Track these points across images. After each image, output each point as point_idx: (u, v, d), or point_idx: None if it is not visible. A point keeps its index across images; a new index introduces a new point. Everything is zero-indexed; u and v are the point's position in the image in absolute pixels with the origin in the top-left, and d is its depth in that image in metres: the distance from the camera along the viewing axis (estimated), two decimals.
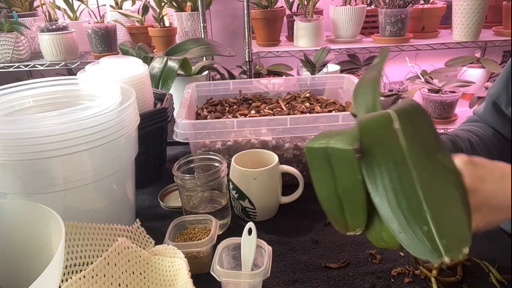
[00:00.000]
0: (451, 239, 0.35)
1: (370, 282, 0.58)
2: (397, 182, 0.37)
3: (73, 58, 1.69)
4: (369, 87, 0.46)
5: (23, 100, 0.66)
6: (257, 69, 1.69)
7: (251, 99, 1.01)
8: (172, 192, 0.84)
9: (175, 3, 1.64)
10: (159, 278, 0.54)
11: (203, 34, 1.60)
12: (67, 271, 0.54)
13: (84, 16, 1.79)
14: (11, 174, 0.54)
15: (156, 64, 1.12)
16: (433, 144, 0.39)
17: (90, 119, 0.55)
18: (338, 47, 1.68)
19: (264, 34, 1.73)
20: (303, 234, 0.70)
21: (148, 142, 0.82)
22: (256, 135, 0.78)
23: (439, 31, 1.78)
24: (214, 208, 0.71)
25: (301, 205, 0.76)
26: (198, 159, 0.75)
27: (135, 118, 0.66)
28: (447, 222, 0.36)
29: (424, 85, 1.75)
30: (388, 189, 0.38)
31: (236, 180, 0.71)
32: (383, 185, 0.38)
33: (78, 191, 0.58)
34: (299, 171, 0.73)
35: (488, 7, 1.60)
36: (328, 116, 0.78)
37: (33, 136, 0.52)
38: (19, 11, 1.71)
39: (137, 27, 1.77)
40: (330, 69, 1.26)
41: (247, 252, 0.56)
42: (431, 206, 0.36)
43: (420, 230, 0.36)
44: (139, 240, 0.63)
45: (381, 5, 1.65)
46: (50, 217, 0.47)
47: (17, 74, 1.71)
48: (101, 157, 0.58)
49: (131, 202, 0.71)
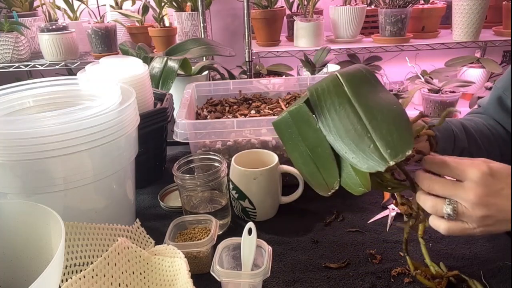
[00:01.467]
0: (394, 147, 0.42)
1: (370, 282, 0.58)
2: (345, 117, 0.46)
3: (73, 58, 1.69)
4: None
5: (23, 100, 0.66)
6: (257, 69, 1.69)
7: (251, 99, 1.01)
8: (172, 192, 0.84)
9: (175, 3, 1.64)
10: (159, 278, 0.54)
11: (203, 34, 1.60)
12: (67, 271, 0.54)
13: (84, 16, 1.79)
14: (11, 174, 0.54)
15: (156, 64, 1.12)
16: (375, 88, 0.48)
17: (90, 119, 0.55)
18: (338, 47, 1.68)
19: (264, 34, 1.73)
20: (303, 234, 0.70)
21: (148, 142, 0.82)
22: (256, 135, 0.78)
23: (439, 31, 1.78)
24: (214, 208, 0.71)
25: (301, 205, 0.76)
26: (198, 159, 0.75)
27: (135, 118, 0.66)
28: (389, 136, 0.43)
29: (424, 85, 1.75)
30: (339, 126, 0.46)
31: (236, 180, 0.72)
32: (333, 125, 0.46)
33: (78, 191, 0.58)
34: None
35: (488, 7, 1.60)
36: None
37: (33, 136, 0.52)
38: (19, 11, 1.71)
39: (137, 27, 1.77)
40: (330, 69, 1.26)
41: (247, 252, 0.56)
42: (373, 128, 0.44)
43: (368, 148, 0.43)
44: (139, 240, 0.63)
45: (381, 5, 1.65)
46: (50, 217, 0.47)
47: (17, 74, 1.71)
48: (101, 157, 0.58)
49: (131, 202, 0.71)
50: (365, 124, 0.44)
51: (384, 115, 0.45)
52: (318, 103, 0.48)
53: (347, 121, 0.45)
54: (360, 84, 0.48)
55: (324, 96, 0.48)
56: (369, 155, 0.43)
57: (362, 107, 0.45)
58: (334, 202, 0.67)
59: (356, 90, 0.47)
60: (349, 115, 0.45)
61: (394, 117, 0.45)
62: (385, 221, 0.72)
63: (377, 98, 0.47)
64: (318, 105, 0.48)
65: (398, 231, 0.69)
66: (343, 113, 0.46)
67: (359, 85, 0.48)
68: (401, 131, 0.43)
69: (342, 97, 0.47)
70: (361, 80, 0.49)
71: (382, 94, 0.48)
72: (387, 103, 0.46)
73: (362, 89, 0.48)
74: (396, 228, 0.69)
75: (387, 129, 0.43)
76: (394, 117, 0.45)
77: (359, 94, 0.47)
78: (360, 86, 0.48)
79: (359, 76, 0.49)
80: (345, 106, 0.46)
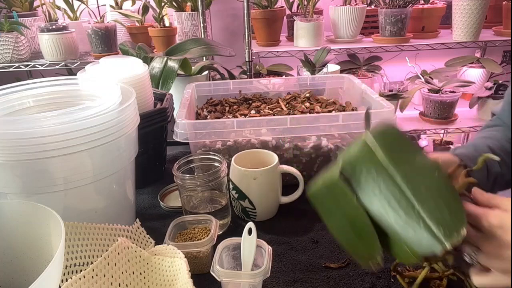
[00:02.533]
0: (446, 225, 0.37)
1: (370, 282, 0.58)
2: (385, 190, 0.41)
3: (73, 58, 1.69)
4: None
5: (23, 100, 0.66)
6: (257, 69, 1.69)
7: (251, 99, 1.01)
8: (172, 192, 0.84)
9: (175, 3, 1.64)
10: (159, 278, 0.54)
11: (203, 34, 1.60)
12: (67, 271, 0.54)
13: (84, 16, 1.79)
14: (11, 174, 0.54)
15: (156, 64, 1.12)
16: (409, 150, 0.43)
17: (90, 119, 0.55)
18: (338, 47, 1.68)
19: (264, 34, 1.73)
20: (303, 234, 0.70)
21: (148, 142, 0.82)
22: (256, 135, 0.78)
23: (439, 31, 1.78)
24: (214, 208, 0.71)
25: (301, 205, 0.76)
26: (198, 159, 0.75)
27: (135, 118, 0.66)
28: (439, 211, 0.38)
29: (424, 85, 1.75)
30: (381, 200, 0.41)
31: (236, 180, 0.71)
32: (375, 198, 0.41)
33: (78, 191, 0.58)
34: (299, 171, 0.73)
35: (488, 7, 1.60)
36: (328, 116, 0.78)
37: (33, 136, 0.52)
38: (19, 11, 1.71)
39: (137, 27, 1.77)
40: (330, 69, 1.26)
41: (247, 252, 0.56)
42: (420, 202, 0.39)
43: (418, 226, 0.38)
44: (139, 240, 0.63)
45: (381, 5, 1.65)
46: (50, 217, 0.47)
47: (17, 74, 1.71)
48: (101, 157, 0.58)
49: (131, 202, 0.71)
50: (409, 198, 0.39)
51: (427, 186, 0.40)
52: (353, 174, 0.43)
53: (389, 194, 0.40)
54: (393, 147, 0.43)
55: (360, 166, 0.43)
56: (421, 234, 0.38)
57: (402, 178, 0.40)
58: None
59: (391, 155, 0.42)
60: (389, 187, 0.40)
61: (439, 187, 0.40)
62: None
63: (416, 163, 0.42)
64: (353, 177, 0.43)
65: None
66: (383, 185, 0.41)
67: (393, 149, 0.43)
68: (450, 205, 0.39)
69: (376, 166, 0.42)
70: (393, 141, 0.44)
71: (419, 157, 0.43)
72: (428, 169, 0.42)
73: (397, 153, 0.42)
74: None
75: (435, 204, 0.39)
76: (438, 187, 0.40)
77: (395, 160, 0.41)
78: (393, 149, 0.43)
79: (391, 136, 0.44)
80: (383, 176, 0.41)
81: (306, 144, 0.80)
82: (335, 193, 0.45)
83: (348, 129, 0.78)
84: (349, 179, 0.44)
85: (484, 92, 1.75)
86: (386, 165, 0.41)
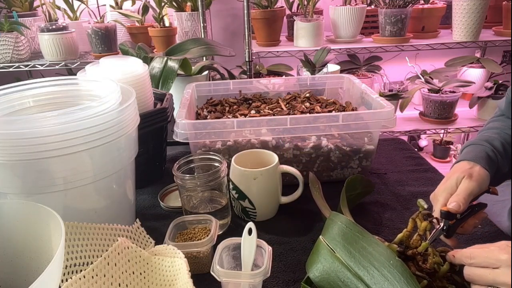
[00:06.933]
0: None
1: None
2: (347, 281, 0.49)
3: (73, 58, 1.69)
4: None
5: (23, 100, 0.66)
6: (257, 69, 1.69)
7: (251, 99, 1.01)
8: (172, 192, 0.84)
9: (175, 3, 1.64)
10: (159, 278, 0.54)
11: (203, 34, 1.60)
12: (67, 271, 0.54)
13: (84, 16, 1.79)
14: (11, 174, 0.54)
15: (156, 64, 1.12)
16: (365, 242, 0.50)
17: (90, 119, 0.55)
18: (338, 47, 1.68)
19: (264, 34, 1.73)
20: (303, 234, 0.70)
21: (148, 142, 0.82)
22: (256, 135, 0.78)
23: (439, 31, 1.78)
24: (214, 208, 0.71)
25: (301, 205, 0.76)
26: (198, 159, 0.75)
27: (135, 118, 0.66)
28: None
29: (424, 85, 1.75)
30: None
31: (236, 180, 0.72)
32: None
33: (78, 191, 0.58)
34: (299, 171, 0.73)
35: (488, 7, 1.60)
36: (328, 116, 0.78)
37: (33, 136, 0.51)
38: (19, 11, 1.71)
39: (137, 27, 1.77)
40: (330, 69, 1.26)
41: (247, 252, 0.56)
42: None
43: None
44: (139, 240, 0.63)
45: (381, 5, 1.65)
46: (50, 217, 0.47)
47: (17, 74, 1.72)
48: (101, 157, 0.58)
49: (131, 202, 0.71)
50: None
51: (384, 274, 0.47)
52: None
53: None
54: (349, 243, 0.51)
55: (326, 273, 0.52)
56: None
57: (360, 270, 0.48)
58: (334, 202, 0.67)
59: (349, 251, 0.50)
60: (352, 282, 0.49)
61: (394, 274, 0.46)
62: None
63: (372, 253, 0.49)
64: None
65: (397, 230, 0.68)
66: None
67: (350, 244, 0.51)
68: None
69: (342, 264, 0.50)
70: (346, 237, 0.52)
71: (374, 247, 0.49)
72: (385, 257, 0.48)
73: (354, 247, 0.50)
74: (397, 228, 0.69)
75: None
76: (393, 274, 0.46)
77: (353, 256, 0.50)
78: (350, 245, 0.51)
79: (343, 234, 0.53)
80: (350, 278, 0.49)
81: (306, 144, 0.80)
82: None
83: (348, 129, 0.78)
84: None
85: (484, 92, 1.76)
86: (347, 263, 0.50)
